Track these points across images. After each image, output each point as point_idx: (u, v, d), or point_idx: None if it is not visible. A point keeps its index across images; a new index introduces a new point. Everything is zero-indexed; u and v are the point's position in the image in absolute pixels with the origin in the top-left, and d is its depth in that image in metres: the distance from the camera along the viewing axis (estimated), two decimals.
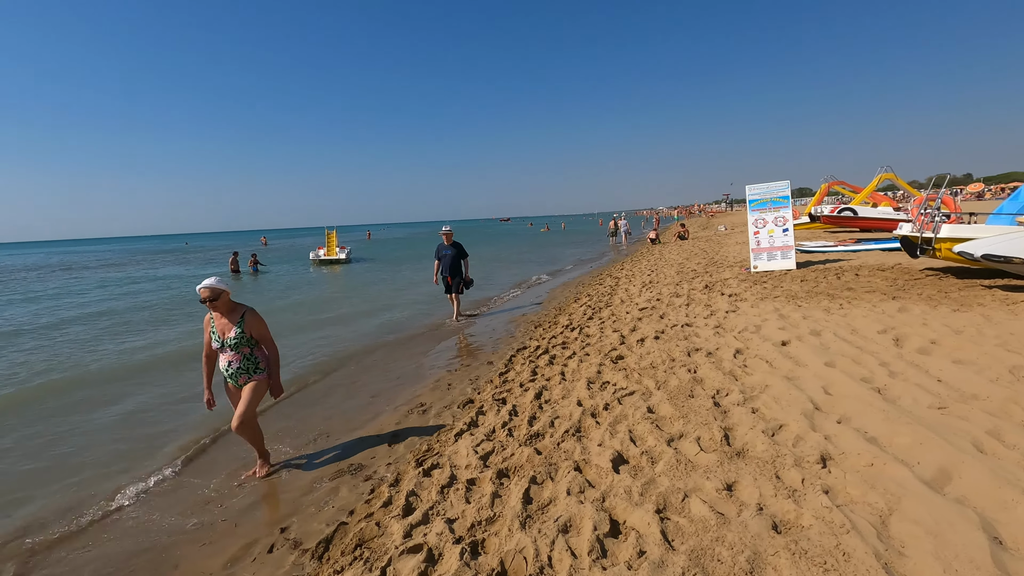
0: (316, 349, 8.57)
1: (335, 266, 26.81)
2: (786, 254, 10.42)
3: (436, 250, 9.84)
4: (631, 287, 11.49)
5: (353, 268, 25.21)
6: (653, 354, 5.82)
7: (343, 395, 6.21)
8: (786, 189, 10.56)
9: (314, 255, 29.02)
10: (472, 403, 5.31)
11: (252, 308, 4.08)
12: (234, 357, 3.96)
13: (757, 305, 7.32)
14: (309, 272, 24.32)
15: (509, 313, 10.77)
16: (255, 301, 15.15)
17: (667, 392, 4.54)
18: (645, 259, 18.31)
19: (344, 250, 28.91)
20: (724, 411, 3.96)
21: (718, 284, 9.79)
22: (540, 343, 7.41)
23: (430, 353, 7.93)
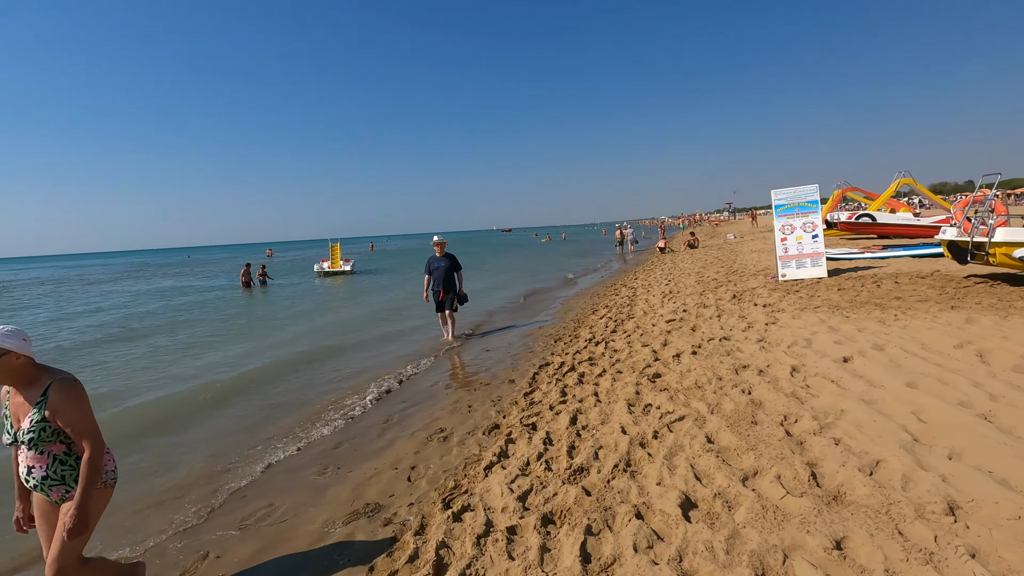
0: (320, 365, 8.05)
1: (339, 278, 26.39)
2: (816, 262, 9.89)
3: (427, 263, 8.89)
4: (651, 297, 10.96)
5: (358, 279, 24.75)
6: (695, 372, 5.28)
7: (353, 418, 5.68)
8: (814, 193, 10.06)
9: (319, 268, 28.66)
10: (498, 429, 4.77)
11: (68, 378, 2.39)
12: (36, 460, 2.35)
13: (798, 316, 6.78)
14: (315, 284, 23.87)
15: (524, 326, 10.24)
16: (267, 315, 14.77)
17: (724, 417, 4.00)
18: (658, 268, 17.79)
19: (348, 262, 28.54)
20: (800, 442, 3.41)
21: (746, 294, 9.26)
22: (564, 359, 6.88)
23: (444, 370, 7.40)
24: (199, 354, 9.64)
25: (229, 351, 9.68)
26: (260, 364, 8.45)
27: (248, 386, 7.20)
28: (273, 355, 9.08)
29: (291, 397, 6.60)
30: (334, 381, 7.18)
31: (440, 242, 8.86)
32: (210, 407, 6.47)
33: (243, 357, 9.08)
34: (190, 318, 14.49)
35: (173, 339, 11.31)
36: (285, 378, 7.49)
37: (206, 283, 28.00)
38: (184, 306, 17.58)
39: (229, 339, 10.93)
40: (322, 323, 12.33)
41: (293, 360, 8.58)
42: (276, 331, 11.55)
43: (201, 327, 12.73)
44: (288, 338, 10.59)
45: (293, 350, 9.38)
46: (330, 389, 6.83)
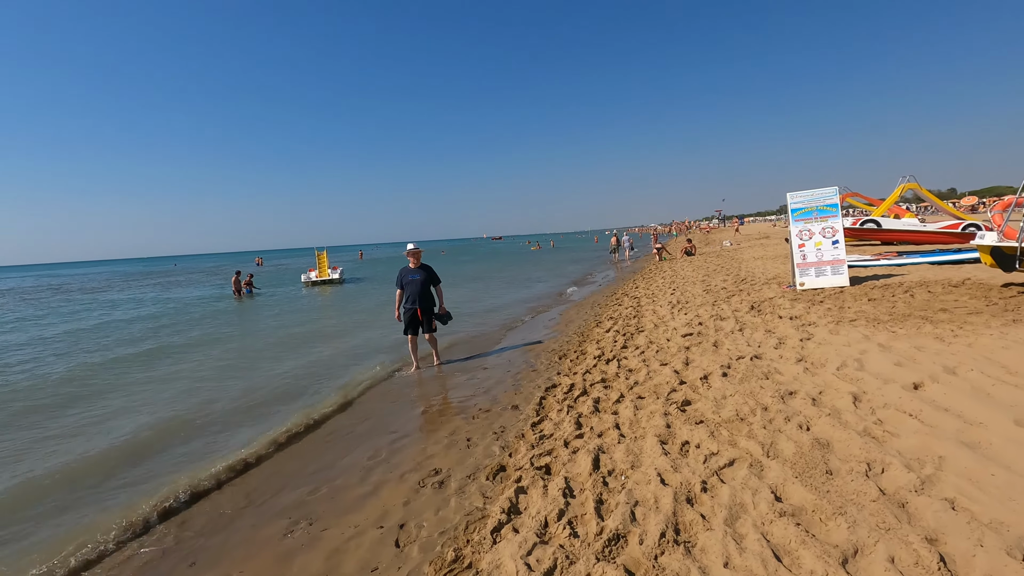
0: (295, 389, 7.21)
1: (327, 287, 25.52)
2: (837, 269, 9.22)
3: (398, 275, 7.57)
4: (658, 308, 10.23)
5: (346, 288, 23.88)
6: (732, 399, 4.52)
7: (330, 455, 4.86)
8: (834, 196, 9.39)
9: (306, 277, 27.82)
10: (505, 471, 3.98)
11: None
12: None
13: (837, 332, 6.05)
14: (301, 294, 22.97)
15: (522, 340, 9.46)
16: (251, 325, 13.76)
17: (786, 463, 3.24)
18: (658, 276, 17.10)
19: (337, 270, 27.70)
20: (901, 503, 2.66)
21: (765, 304, 8.55)
22: (573, 380, 6.11)
23: (437, 392, 6.60)
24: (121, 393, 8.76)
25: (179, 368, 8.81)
26: (230, 388, 7.61)
27: (221, 413, 6.37)
28: (247, 381, 8.23)
29: (263, 425, 5.77)
30: (314, 405, 6.36)
31: (415, 251, 7.56)
32: (164, 439, 5.62)
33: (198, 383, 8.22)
34: (163, 334, 13.56)
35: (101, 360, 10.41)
36: (265, 405, 6.66)
37: (190, 293, 26.95)
38: (155, 318, 16.63)
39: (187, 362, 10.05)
40: (302, 332, 11.49)
41: (271, 380, 7.75)
42: (256, 357, 10.68)
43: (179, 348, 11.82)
44: (269, 362, 9.74)
45: (274, 372, 8.54)
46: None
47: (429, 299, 7.55)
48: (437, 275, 7.71)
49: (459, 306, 14.86)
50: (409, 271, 7.51)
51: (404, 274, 7.53)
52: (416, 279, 7.44)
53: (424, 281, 7.47)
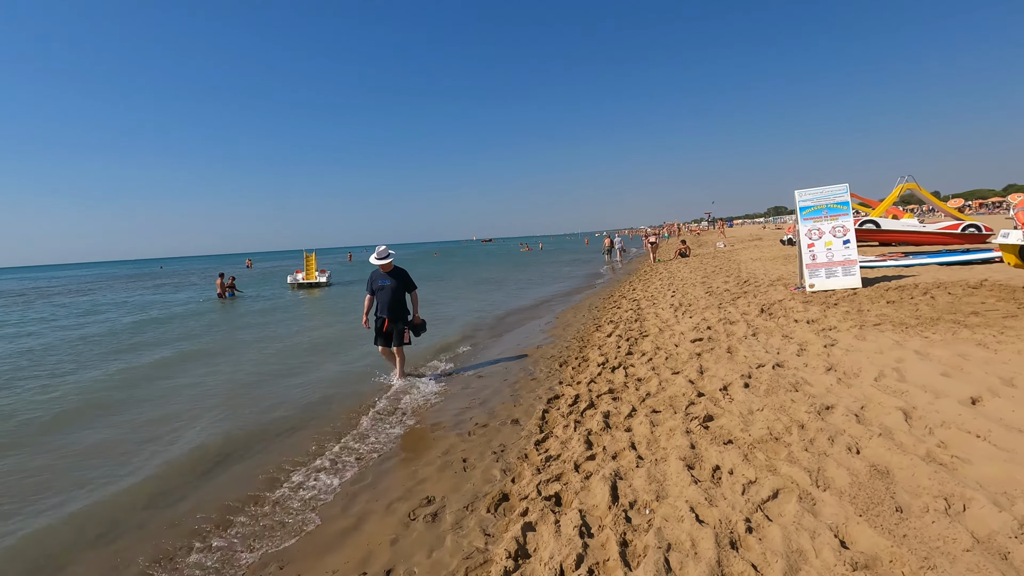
0: (274, 400, 6.65)
1: (314, 290, 24.88)
2: (848, 270, 8.80)
3: (368, 281, 6.77)
4: (660, 311, 9.76)
5: (334, 291, 23.23)
6: (761, 414, 4.04)
7: (311, 477, 4.32)
8: (844, 194, 8.98)
9: (292, 279, 27.18)
10: (508, 501, 3.46)
11: None
12: None
13: (863, 337, 5.60)
14: (286, 296, 22.31)
15: (517, 345, 8.95)
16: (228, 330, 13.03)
17: (843, 495, 2.76)
18: (655, 278, 16.68)
19: (324, 273, 27.05)
20: (1002, 553, 2.17)
21: (776, 307, 8.10)
22: (577, 390, 5.61)
23: (429, 405, 6.06)
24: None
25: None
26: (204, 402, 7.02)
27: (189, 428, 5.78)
28: (220, 383, 7.64)
29: (234, 446, 5.20)
30: (289, 420, 5.80)
31: (385, 254, 6.60)
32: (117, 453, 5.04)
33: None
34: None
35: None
36: (239, 414, 6.09)
37: (172, 297, 26.15)
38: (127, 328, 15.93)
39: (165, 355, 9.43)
40: (281, 341, 10.89)
41: (246, 380, 7.17)
42: (228, 353, 10.07)
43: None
44: (249, 359, 9.14)
45: (241, 375, 7.95)
46: (285, 428, 5.46)
47: (401, 309, 6.65)
48: (412, 279, 6.81)
49: (450, 308, 14.43)
50: (379, 276, 6.64)
51: (374, 279, 6.69)
52: (386, 285, 6.55)
53: (396, 288, 6.57)
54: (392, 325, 6.58)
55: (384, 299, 6.55)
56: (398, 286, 6.60)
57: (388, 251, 6.62)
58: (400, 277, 6.66)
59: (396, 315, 6.58)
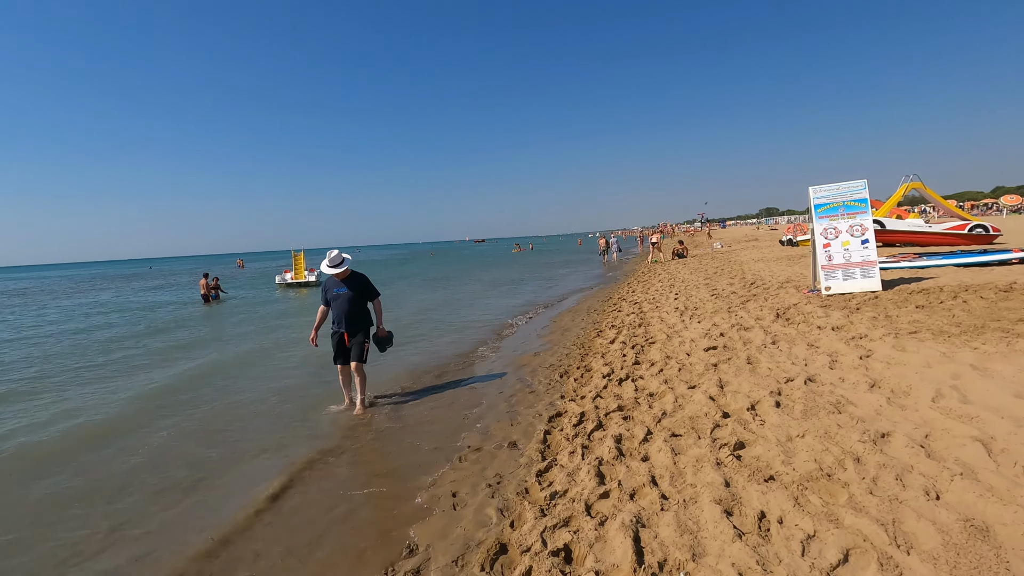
0: (240, 422, 5.99)
1: (303, 290, 24.21)
2: (868, 272, 8.23)
3: (321, 290, 5.87)
4: (664, 315, 9.17)
5: None
6: (803, 441, 3.43)
7: (279, 522, 3.67)
8: (863, 190, 8.41)
9: (280, 279, 26.58)
10: (507, 554, 2.84)
11: None
12: None
13: (903, 348, 5.01)
14: (274, 296, 21.62)
15: (512, 352, 8.33)
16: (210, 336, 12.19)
17: (937, 562, 2.15)
18: (654, 279, 16.11)
19: (313, 272, 26.36)
20: None
21: (792, 312, 7.51)
22: (582, 407, 5.00)
23: (413, 420, 5.41)
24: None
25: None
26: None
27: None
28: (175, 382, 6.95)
29: (165, 474, 4.54)
30: (249, 430, 5.15)
31: (338, 260, 5.63)
32: None
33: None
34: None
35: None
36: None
37: (157, 298, 25.34)
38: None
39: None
40: (253, 339, 10.21)
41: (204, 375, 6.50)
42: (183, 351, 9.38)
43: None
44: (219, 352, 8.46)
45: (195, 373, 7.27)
46: (252, 436, 4.80)
47: (361, 320, 5.72)
48: (373, 286, 5.88)
49: (439, 311, 13.77)
50: (334, 284, 5.68)
51: (328, 288, 5.75)
52: (343, 294, 5.61)
53: (353, 297, 5.63)
54: (351, 337, 5.64)
55: (341, 310, 5.61)
56: (357, 294, 5.67)
57: (342, 256, 5.66)
58: (359, 284, 5.75)
59: (356, 327, 5.66)
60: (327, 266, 5.63)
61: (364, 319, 5.76)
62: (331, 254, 5.62)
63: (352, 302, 5.64)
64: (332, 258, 5.61)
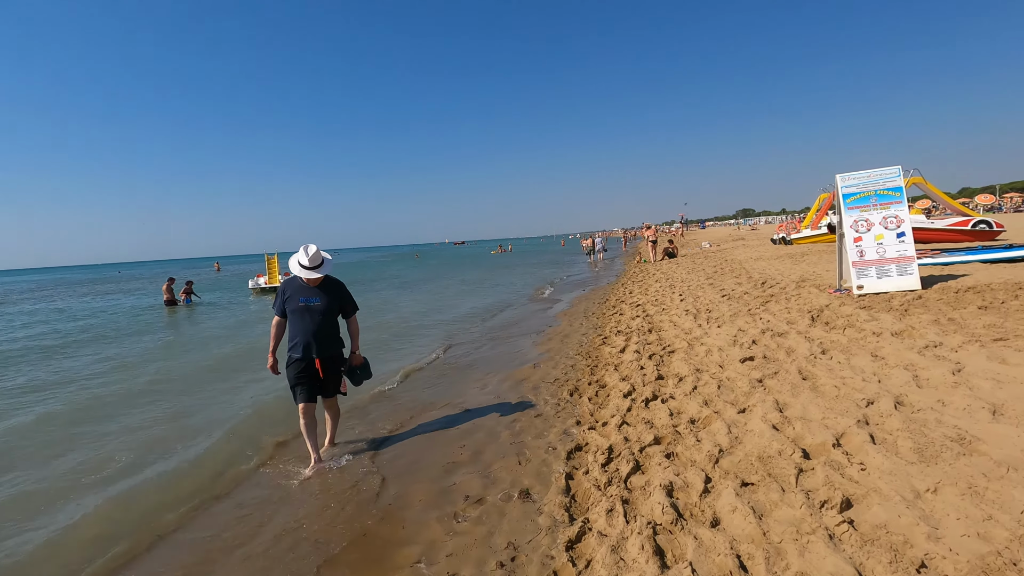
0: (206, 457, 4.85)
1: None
2: (904, 268, 7.36)
3: (279, 297, 4.21)
4: (675, 318, 8.23)
5: None
6: (940, 500, 2.46)
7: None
8: (896, 178, 7.56)
9: (253, 283, 25.20)
10: None
11: None
12: None
13: (1003, 359, 4.09)
14: (248, 302, 20.27)
15: (507, 362, 7.32)
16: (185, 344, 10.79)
17: None
18: (649, 279, 15.22)
19: (289, 276, 24.99)
20: None
21: (829, 315, 6.60)
22: (607, 437, 4.01)
23: (404, 457, 4.34)
24: None
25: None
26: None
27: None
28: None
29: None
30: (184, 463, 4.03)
31: (318, 259, 4.11)
32: None
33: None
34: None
35: None
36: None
37: (120, 303, 23.74)
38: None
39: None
40: (221, 354, 9.01)
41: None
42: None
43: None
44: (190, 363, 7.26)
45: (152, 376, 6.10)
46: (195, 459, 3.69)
47: (335, 341, 4.26)
48: (352, 298, 4.40)
49: (426, 315, 12.62)
50: (302, 290, 4.12)
51: (291, 294, 4.13)
52: (315, 306, 4.10)
53: (327, 310, 4.16)
54: (326, 365, 4.17)
55: (309, 327, 4.07)
56: (330, 307, 4.18)
57: (322, 254, 4.12)
58: (336, 294, 4.26)
59: (328, 351, 4.18)
60: (300, 265, 4.05)
61: (337, 340, 4.30)
62: (308, 249, 4.04)
63: (325, 316, 4.15)
64: (310, 256, 4.02)
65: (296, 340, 4.11)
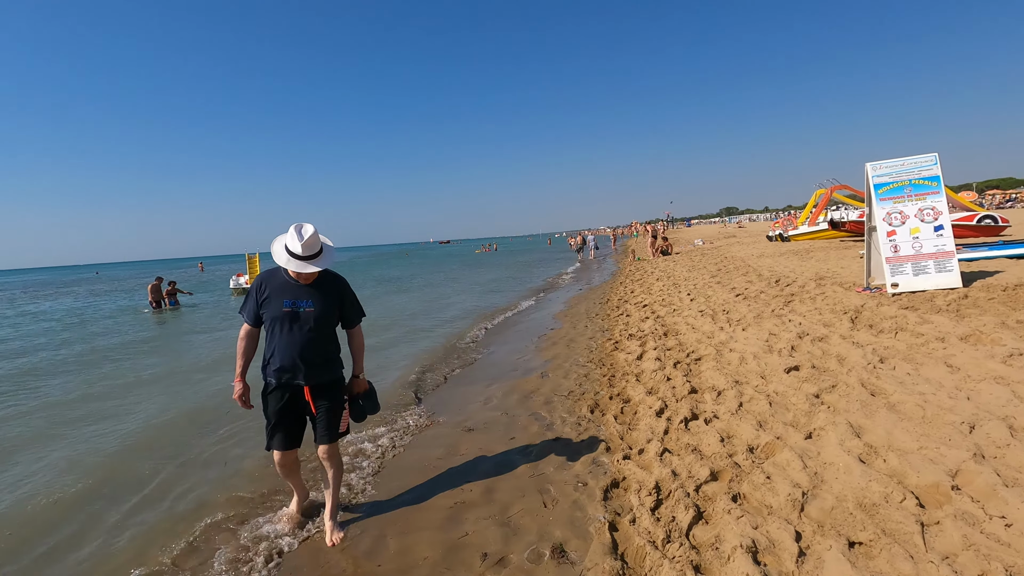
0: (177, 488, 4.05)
1: None
2: (943, 264, 6.76)
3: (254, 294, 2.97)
4: (690, 319, 7.58)
5: None
6: None
7: None
8: (933, 166, 6.94)
9: (235, 283, 24.19)
10: None
11: None
12: None
13: None
14: (230, 303, 19.33)
15: (509, 371, 6.60)
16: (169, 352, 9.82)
17: None
18: (649, 277, 14.60)
19: (270, 269, 24.02)
20: None
21: (870, 316, 5.97)
22: (648, 470, 3.32)
23: (394, 496, 3.60)
24: None
25: None
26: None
27: None
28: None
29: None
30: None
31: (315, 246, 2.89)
32: None
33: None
34: None
35: None
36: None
37: (103, 305, 22.60)
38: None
39: None
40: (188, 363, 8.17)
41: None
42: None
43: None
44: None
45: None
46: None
47: (330, 361, 3.06)
48: (357, 301, 3.22)
49: (416, 316, 11.77)
50: (288, 288, 2.93)
51: (272, 294, 2.93)
52: (307, 311, 2.91)
53: (322, 318, 2.96)
54: (317, 398, 2.98)
55: (296, 341, 2.88)
56: (327, 314, 2.97)
57: (322, 240, 2.96)
58: (335, 295, 3.04)
59: (323, 373, 2.99)
60: (290, 253, 2.84)
61: (335, 361, 3.08)
62: (302, 231, 2.85)
63: (320, 325, 2.93)
64: (305, 240, 2.82)
65: (276, 359, 2.87)
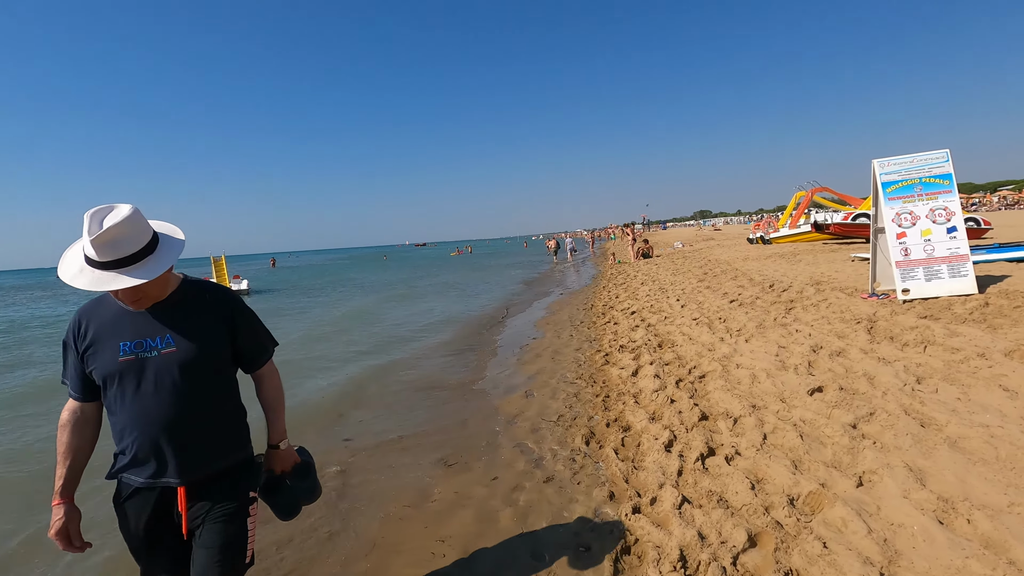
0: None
1: None
2: (957, 268, 6.27)
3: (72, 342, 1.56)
4: (685, 329, 6.99)
5: (253, 301, 19.20)
6: None
7: None
8: (945, 163, 6.46)
9: None
10: None
11: None
12: None
13: None
14: None
15: (490, 387, 5.91)
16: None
17: None
18: (633, 282, 14.05)
19: (239, 280, 22.92)
20: None
21: (889, 327, 5.42)
22: (668, 529, 2.69)
23: (347, 561, 2.86)
24: None
25: None
26: None
27: None
28: None
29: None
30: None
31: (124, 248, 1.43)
32: None
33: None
34: None
35: None
36: None
37: (53, 310, 21.21)
38: None
39: None
40: None
41: None
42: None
43: None
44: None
45: None
46: None
47: (224, 434, 1.68)
48: (260, 324, 1.81)
49: (406, 326, 10.95)
50: (124, 323, 1.57)
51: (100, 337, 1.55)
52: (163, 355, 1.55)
53: (194, 357, 1.58)
54: (199, 500, 1.61)
55: (153, 405, 1.54)
56: (202, 353, 1.60)
57: (152, 227, 1.57)
58: (219, 318, 1.67)
59: (202, 459, 1.61)
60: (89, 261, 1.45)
61: (227, 430, 1.71)
62: (106, 219, 1.43)
63: (192, 376, 1.58)
64: (106, 232, 1.40)
65: (127, 441, 1.58)
